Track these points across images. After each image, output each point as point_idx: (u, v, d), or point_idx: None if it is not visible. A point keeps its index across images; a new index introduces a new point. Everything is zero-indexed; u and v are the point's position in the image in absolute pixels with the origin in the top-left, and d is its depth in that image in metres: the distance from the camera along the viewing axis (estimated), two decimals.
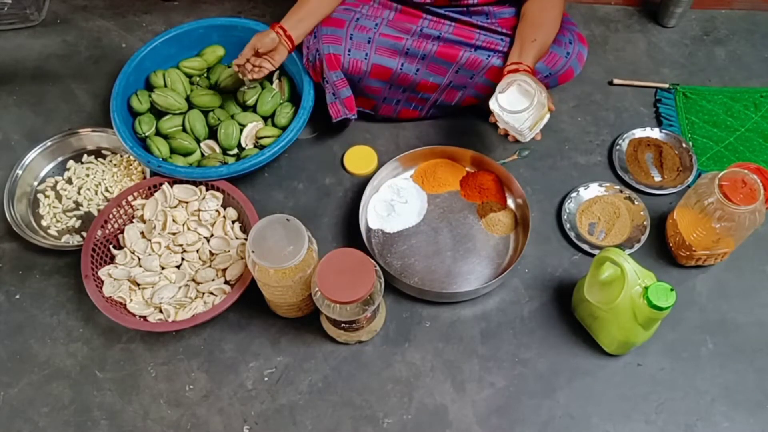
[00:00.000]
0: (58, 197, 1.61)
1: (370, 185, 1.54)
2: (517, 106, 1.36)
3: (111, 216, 1.47)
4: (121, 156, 1.65)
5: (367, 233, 1.53)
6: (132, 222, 1.50)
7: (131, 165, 1.63)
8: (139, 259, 1.45)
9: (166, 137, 1.58)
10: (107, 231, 1.46)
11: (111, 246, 1.47)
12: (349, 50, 1.49)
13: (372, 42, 1.50)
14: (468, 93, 1.59)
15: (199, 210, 1.50)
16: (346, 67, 1.50)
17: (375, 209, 1.56)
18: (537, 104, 1.34)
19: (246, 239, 1.49)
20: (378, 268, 1.24)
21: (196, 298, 1.42)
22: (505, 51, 1.50)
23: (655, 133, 1.67)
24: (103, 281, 1.41)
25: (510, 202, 1.57)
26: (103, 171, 1.63)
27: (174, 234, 1.48)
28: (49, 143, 1.63)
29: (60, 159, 1.66)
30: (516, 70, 1.39)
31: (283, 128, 1.58)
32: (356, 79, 1.54)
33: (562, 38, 1.51)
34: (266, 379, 1.38)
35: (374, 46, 1.50)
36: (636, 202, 1.56)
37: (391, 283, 1.46)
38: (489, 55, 1.50)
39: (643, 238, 1.51)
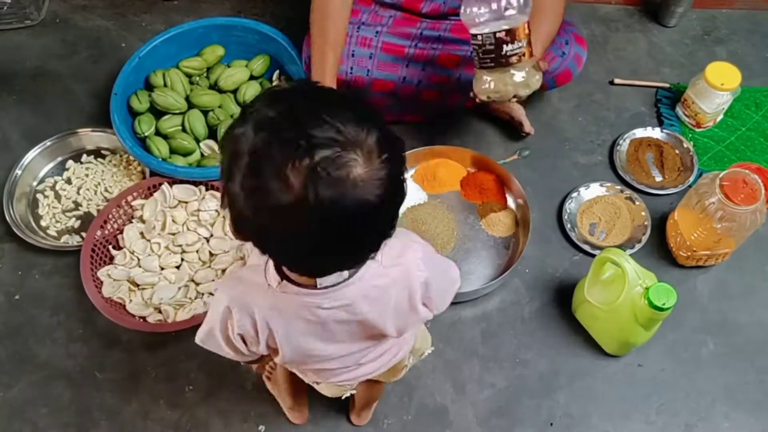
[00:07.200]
0: (58, 197, 1.61)
1: None
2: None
3: (110, 216, 1.47)
4: (121, 156, 1.65)
5: None
6: (131, 222, 1.50)
7: (131, 165, 1.63)
8: (139, 259, 1.45)
9: (165, 137, 1.57)
10: (106, 231, 1.46)
11: (110, 246, 1.47)
12: (351, 68, 1.49)
13: (374, 57, 1.50)
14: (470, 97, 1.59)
15: (199, 210, 1.50)
16: (348, 83, 1.51)
17: None
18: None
19: None
20: None
21: (195, 298, 1.42)
22: None
23: (656, 133, 1.67)
24: (102, 282, 1.41)
25: (510, 202, 1.57)
26: (103, 171, 1.63)
27: (174, 234, 1.47)
28: (49, 143, 1.63)
29: (59, 159, 1.65)
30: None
31: None
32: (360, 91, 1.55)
33: (558, 38, 1.50)
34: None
35: (376, 61, 1.50)
36: (637, 203, 1.55)
37: None
38: None
39: (644, 238, 1.50)
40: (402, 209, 1.52)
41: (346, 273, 0.76)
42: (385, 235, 0.72)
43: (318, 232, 0.65)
